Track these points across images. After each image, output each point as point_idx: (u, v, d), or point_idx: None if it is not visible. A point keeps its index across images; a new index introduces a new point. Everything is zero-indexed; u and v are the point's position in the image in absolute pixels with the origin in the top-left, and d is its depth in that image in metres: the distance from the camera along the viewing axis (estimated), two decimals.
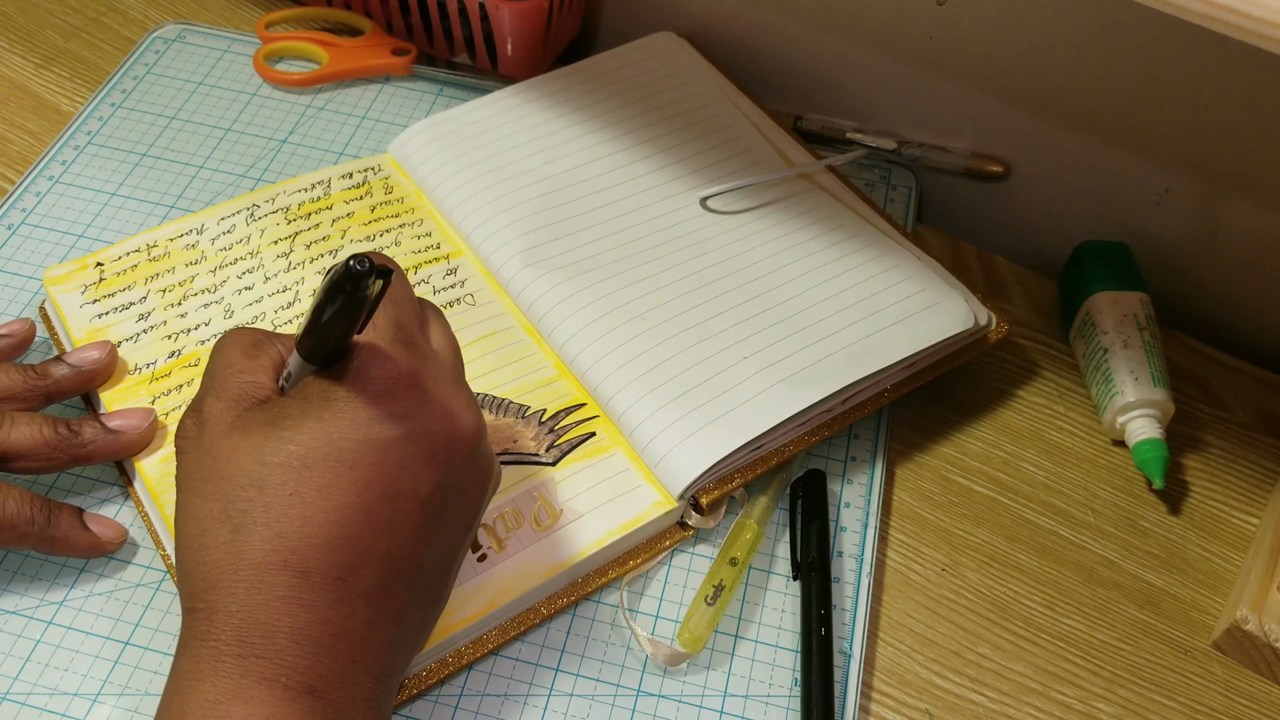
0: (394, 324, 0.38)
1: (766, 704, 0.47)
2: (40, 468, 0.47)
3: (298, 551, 0.35)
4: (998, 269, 0.66)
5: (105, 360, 0.51)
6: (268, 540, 0.35)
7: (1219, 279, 0.65)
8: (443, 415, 0.37)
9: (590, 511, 0.49)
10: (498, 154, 0.61)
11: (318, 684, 0.34)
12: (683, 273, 0.56)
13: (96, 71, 0.71)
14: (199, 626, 0.35)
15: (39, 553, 0.48)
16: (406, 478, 0.36)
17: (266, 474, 0.35)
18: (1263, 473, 0.58)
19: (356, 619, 0.35)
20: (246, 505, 0.35)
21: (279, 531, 0.35)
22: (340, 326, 0.36)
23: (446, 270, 0.58)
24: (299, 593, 0.34)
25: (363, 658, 0.35)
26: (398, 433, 0.36)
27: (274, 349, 0.40)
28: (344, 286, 0.34)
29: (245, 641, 0.34)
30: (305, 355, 0.38)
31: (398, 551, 0.36)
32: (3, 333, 0.53)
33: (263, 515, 0.35)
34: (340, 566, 0.35)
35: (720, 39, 0.72)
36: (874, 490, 0.54)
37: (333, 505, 0.35)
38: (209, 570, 0.35)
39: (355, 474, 0.35)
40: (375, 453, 0.36)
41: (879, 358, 0.53)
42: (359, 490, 0.35)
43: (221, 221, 0.58)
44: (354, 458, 0.36)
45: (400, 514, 0.36)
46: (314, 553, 0.35)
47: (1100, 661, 0.50)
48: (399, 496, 0.36)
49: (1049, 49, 0.61)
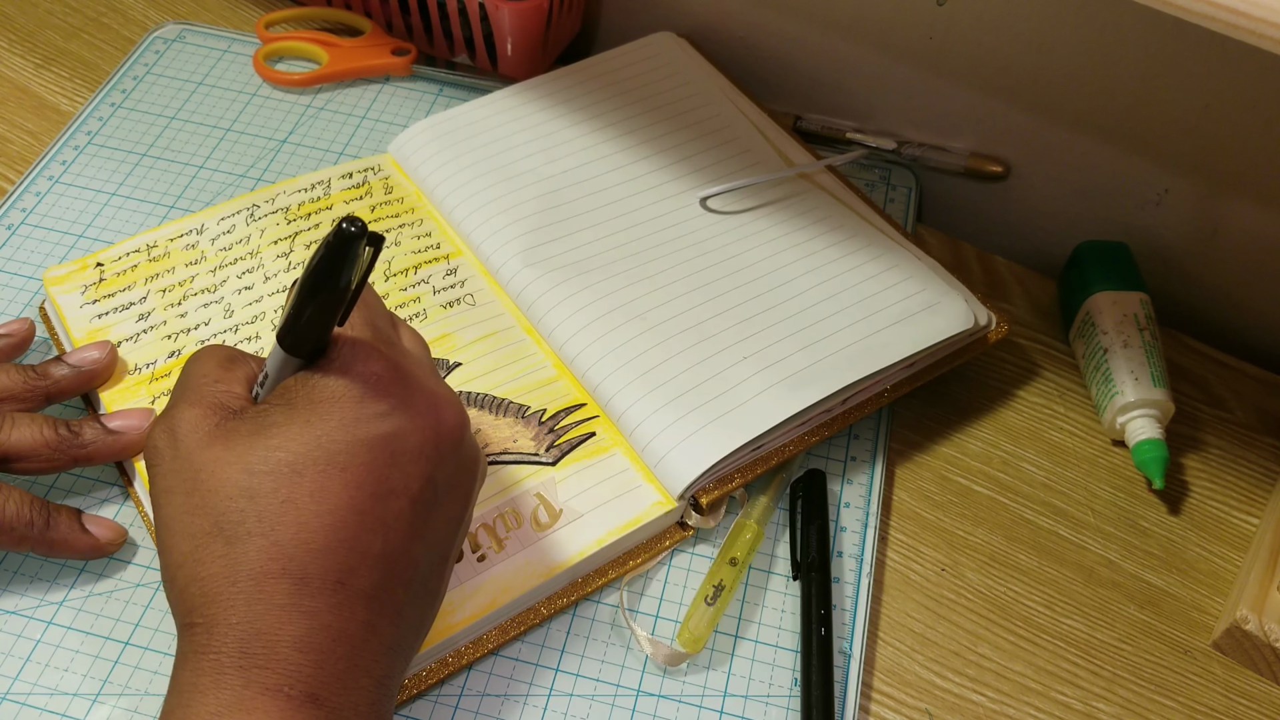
0: (370, 324, 0.38)
1: (766, 704, 0.47)
2: (41, 469, 0.47)
3: (295, 558, 0.34)
4: (998, 269, 0.66)
5: (105, 360, 0.51)
6: (265, 549, 0.34)
7: (1219, 279, 0.64)
8: (428, 410, 0.37)
9: (590, 511, 0.49)
10: (497, 154, 0.61)
11: (319, 691, 0.34)
12: (683, 273, 0.56)
13: (96, 71, 0.71)
14: (198, 641, 0.34)
15: (38, 555, 0.48)
16: (397, 475, 0.36)
17: (257, 483, 0.35)
18: (1263, 473, 0.58)
19: (355, 621, 0.35)
20: (239, 516, 0.35)
21: (275, 540, 0.34)
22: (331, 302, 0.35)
23: (446, 270, 0.58)
24: (299, 600, 0.34)
25: (363, 661, 0.35)
26: (386, 430, 0.36)
27: (247, 365, 0.40)
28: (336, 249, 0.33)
29: (247, 653, 0.34)
30: (290, 346, 0.37)
31: (392, 550, 0.36)
32: (2, 332, 0.53)
33: (257, 525, 0.34)
34: (338, 570, 0.35)
35: (720, 39, 0.72)
36: (874, 490, 0.54)
37: (326, 509, 0.35)
38: (206, 585, 0.34)
39: (347, 475, 0.35)
40: (365, 452, 0.36)
41: (879, 358, 0.53)
42: (351, 491, 0.35)
43: (221, 222, 0.58)
44: (344, 459, 0.35)
45: (393, 512, 0.36)
46: (311, 558, 0.34)
47: (1100, 661, 0.50)
48: (390, 494, 0.36)
49: (1049, 49, 0.61)
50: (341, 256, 0.34)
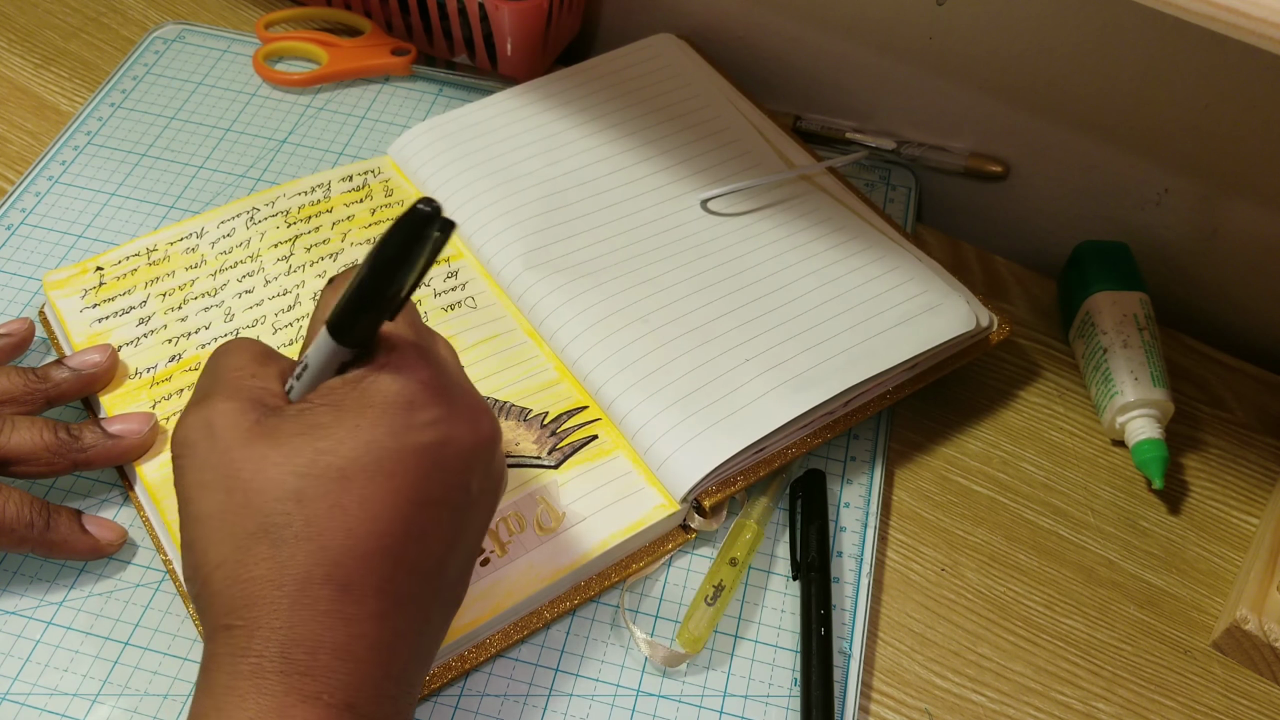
0: (413, 326, 0.38)
1: (766, 704, 0.47)
2: (40, 472, 0.47)
3: (341, 565, 0.34)
4: (998, 269, 0.66)
5: (106, 364, 0.51)
6: (312, 554, 0.34)
7: (1219, 279, 0.65)
8: (471, 419, 0.37)
9: (593, 514, 0.49)
10: (497, 156, 0.61)
11: (356, 700, 0.34)
12: (684, 275, 0.56)
13: (96, 71, 0.71)
14: (237, 644, 0.34)
15: (38, 556, 0.48)
16: (439, 484, 0.36)
17: (305, 486, 0.34)
18: (1263, 473, 0.58)
19: (390, 630, 0.35)
20: (286, 520, 0.34)
21: (322, 545, 0.34)
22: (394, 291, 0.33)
23: (448, 273, 0.58)
24: (341, 607, 0.34)
25: (394, 669, 0.35)
26: (433, 438, 0.36)
27: (280, 362, 0.39)
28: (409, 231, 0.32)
29: (289, 658, 0.33)
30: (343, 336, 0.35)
31: (428, 559, 0.36)
32: (2, 332, 0.53)
33: (305, 529, 0.34)
34: (379, 578, 0.35)
35: (720, 40, 0.72)
36: (874, 490, 0.54)
37: (372, 516, 0.34)
38: (249, 587, 0.34)
39: (394, 483, 0.35)
40: (413, 460, 0.35)
41: (881, 359, 0.53)
42: (397, 500, 0.35)
43: (221, 225, 0.58)
44: (392, 466, 0.35)
45: (433, 521, 0.36)
46: (356, 565, 0.34)
47: (1100, 661, 0.50)
48: (431, 504, 0.36)
49: (1049, 49, 0.61)
50: (414, 239, 0.32)
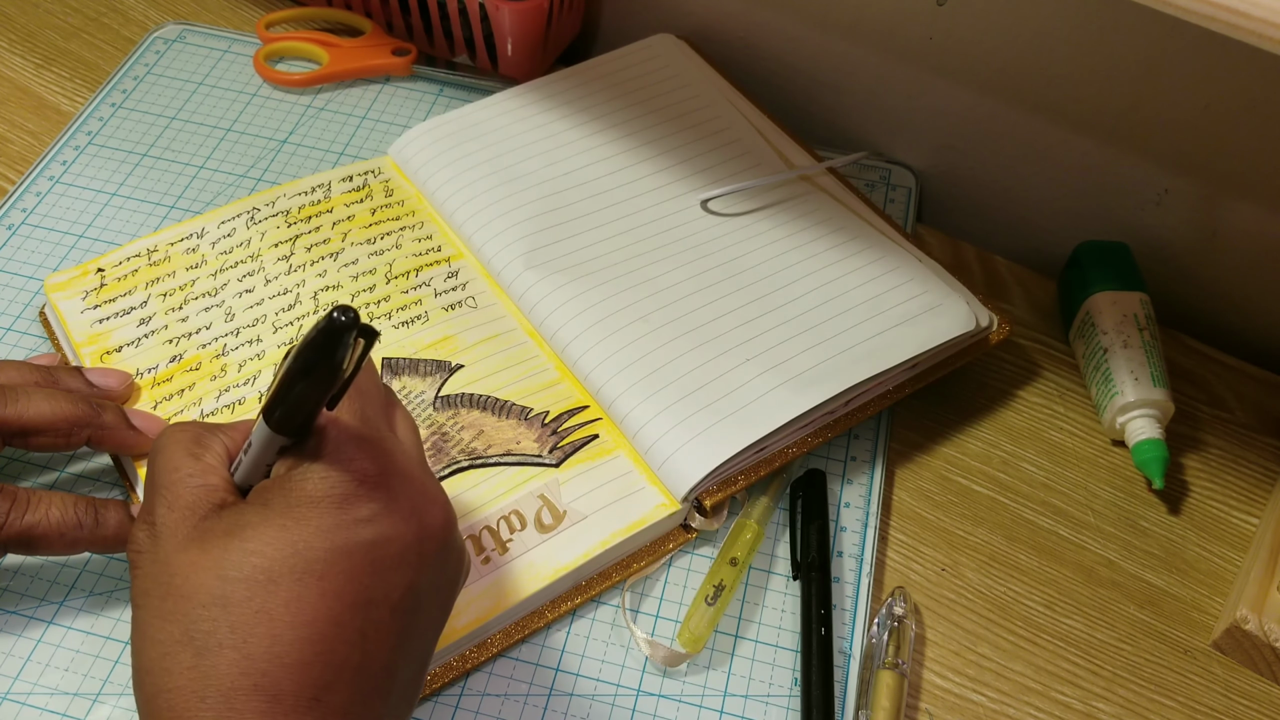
0: (360, 415, 0.36)
1: (766, 704, 0.47)
2: (58, 444, 0.47)
3: (268, 674, 0.32)
4: (998, 269, 0.66)
5: (119, 392, 0.50)
6: (235, 663, 0.32)
7: (1219, 279, 0.65)
8: (411, 515, 0.35)
9: (594, 513, 0.49)
10: (498, 156, 0.61)
11: None
12: (684, 275, 0.56)
13: (97, 72, 0.71)
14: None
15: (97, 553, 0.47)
16: (378, 584, 0.34)
17: (230, 590, 0.33)
18: (1263, 473, 0.58)
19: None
20: (210, 626, 0.32)
21: (247, 654, 0.32)
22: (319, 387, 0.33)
23: (448, 273, 0.58)
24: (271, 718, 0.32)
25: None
26: (368, 537, 0.34)
27: (217, 442, 0.38)
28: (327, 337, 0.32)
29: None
30: (274, 424, 0.35)
31: (371, 662, 0.34)
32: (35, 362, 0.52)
33: (229, 636, 0.32)
34: (314, 686, 0.32)
35: (720, 40, 0.72)
36: (874, 490, 0.54)
37: (302, 620, 0.33)
38: (172, 698, 0.32)
39: (324, 585, 0.33)
40: (344, 560, 0.33)
41: (882, 359, 0.53)
42: (329, 602, 0.33)
43: (222, 225, 0.58)
44: (322, 568, 0.33)
45: (372, 622, 0.34)
46: (285, 673, 0.32)
47: (1100, 661, 0.50)
48: (370, 604, 0.34)
49: (1049, 49, 0.61)
50: (332, 344, 0.32)
